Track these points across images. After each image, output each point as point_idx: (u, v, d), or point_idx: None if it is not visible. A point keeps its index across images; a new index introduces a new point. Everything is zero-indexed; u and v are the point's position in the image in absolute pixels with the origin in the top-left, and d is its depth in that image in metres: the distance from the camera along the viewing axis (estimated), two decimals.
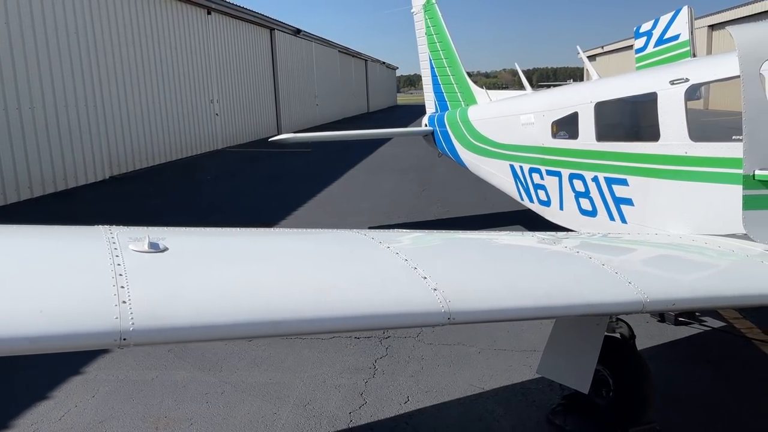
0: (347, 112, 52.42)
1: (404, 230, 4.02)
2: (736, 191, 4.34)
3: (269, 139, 11.18)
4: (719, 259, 4.11)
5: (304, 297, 2.51)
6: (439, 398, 4.89)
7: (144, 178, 18.37)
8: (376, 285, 2.78)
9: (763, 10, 27.84)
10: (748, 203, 4.12)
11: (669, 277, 3.54)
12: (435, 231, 4.35)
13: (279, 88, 34.77)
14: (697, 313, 6.40)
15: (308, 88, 41.62)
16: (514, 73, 12.67)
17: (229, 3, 27.00)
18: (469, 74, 11.02)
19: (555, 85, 14.41)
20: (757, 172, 4.06)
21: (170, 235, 2.97)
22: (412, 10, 11.62)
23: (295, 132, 22.64)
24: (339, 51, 51.58)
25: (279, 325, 2.33)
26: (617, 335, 4.53)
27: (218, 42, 26.74)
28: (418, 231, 4.18)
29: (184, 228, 3.34)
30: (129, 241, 2.78)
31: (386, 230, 3.76)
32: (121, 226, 3.10)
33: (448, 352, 5.75)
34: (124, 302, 2.22)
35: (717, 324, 6.29)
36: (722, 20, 31.92)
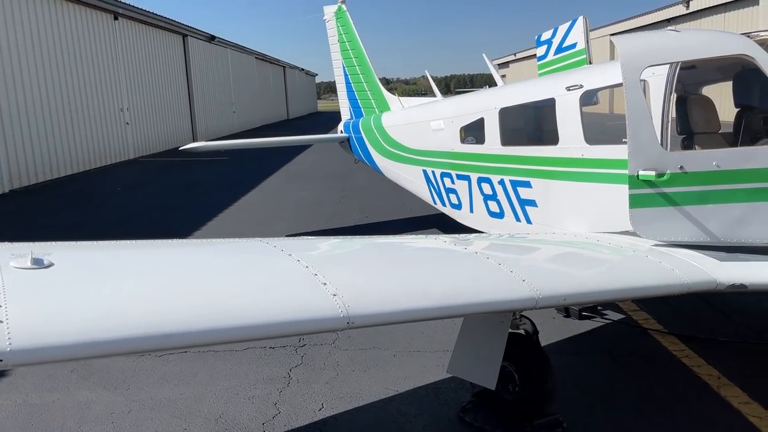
0: (267, 120, 51.78)
1: (308, 237, 4.04)
2: (626, 191, 4.62)
3: (180, 148, 10.89)
4: (610, 255, 4.36)
5: (198, 308, 2.47)
6: (354, 403, 4.92)
7: (48, 190, 17.44)
8: (274, 293, 2.78)
9: (662, 19, 29.73)
10: (634, 202, 4.40)
11: (561, 274, 3.73)
12: (342, 237, 4.39)
13: (194, 96, 33.91)
14: (599, 307, 6.75)
15: (225, 95, 40.83)
16: (433, 79, 12.97)
17: (137, 8, 26.08)
18: (389, 81, 11.25)
19: (469, 91, 14.80)
20: (640, 172, 4.34)
21: (57, 251, 2.85)
22: (323, 18, 11.66)
23: (212, 140, 22.15)
24: (256, 58, 50.92)
25: (171, 338, 2.28)
26: (521, 332, 4.70)
27: (127, 48, 25.77)
28: (323, 237, 4.21)
29: (72, 242, 3.22)
30: (10, 258, 2.64)
31: (289, 238, 3.77)
32: (3, 243, 2.94)
33: (363, 356, 5.79)
34: (1, 322, 2.11)
35: (617, 317, 6.64)
36: (624, 29, 33.82)
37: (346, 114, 11.70)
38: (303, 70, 77.64)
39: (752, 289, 4.00)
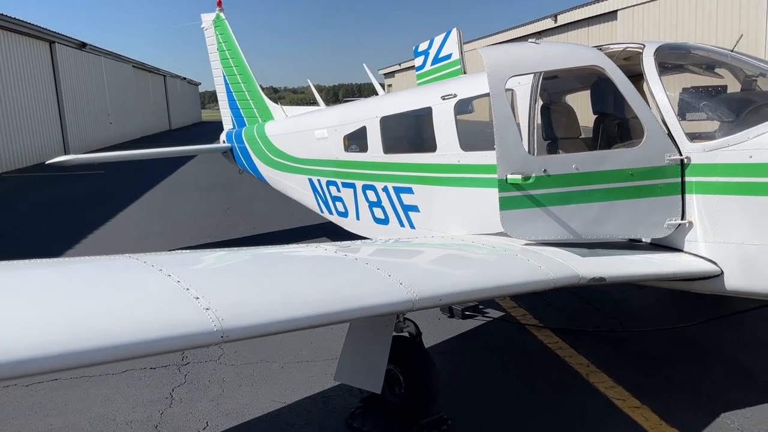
0: (147, 131, 49.50)
1: (181, 251, 3.91)
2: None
3: (47, 162, 10.16)
4: (484, 255, 4.58)
5: (56, 331, 2.32)
6: (241, 418, 4.81)
7: None
8: (141, 310, 2.67)
9: (533, 32, 31.52)
10: (503, 204, 4.65)
11: (438, 276, 3.87)
12: (220, 249, 4.29)
13: (64, 107, 31.74)
14: (480, 306, 7.04)
15: (99, 105, 38.56)
16: (321, 88, 13.00)
17: None
18: (276, 90, 11.11)
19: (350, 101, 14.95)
20: (508, 176, 4.59)
21: None
22: (202, 26, 11.36)
23: (87, 153, 20.84)
24: (133, 66, 48.60)
25: (23, 365, 2.12)
26: (405, 334, 4.81)
27: None
28: (199, 251, 4.09)
29: None
30: None
31: (161, 253, 3.63)
32: None
33: (250, 370, 5.68)
34: None
35: (497, 314, 6.96)
36: (499, 41, 35.59)
37: (228, 123, 11.46)
38: (185, 79, 75.04)
39: (610, 281, 4.34)
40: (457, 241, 5.23)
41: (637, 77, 5.06)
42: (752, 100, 4.86)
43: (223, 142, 11.14)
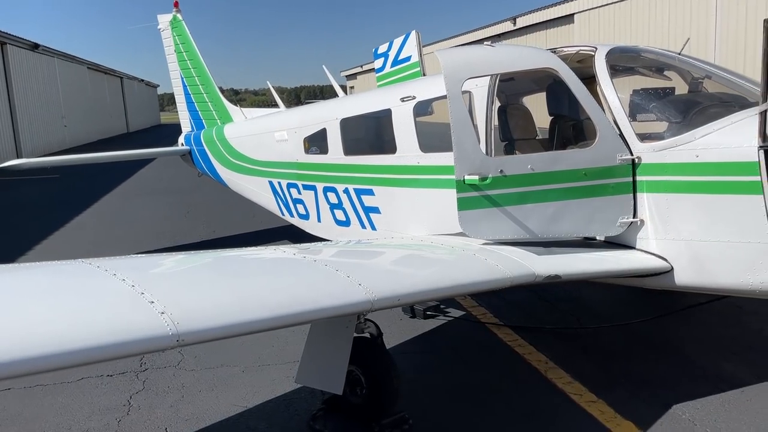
0: (104, 133, 48.36)
1: (136, 255, 3.86)
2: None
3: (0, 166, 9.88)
4: (442, 255, 4.63)
5: (5, 338, 2.27)
6: (201, 424, 4.75)
7: None
8: (94, 315, 2.62)
9: (493, 34, 31.94)
10: (461, 204, 4.71)
11: (397, 276, 3.90)
12: (177, 252, 4.24)
13: (16, 109, 30.79)
14: (441, 306, 7.11)
15: (53, 108, 37.51)
16: (282, 90, 12.91)
17: None
18: (237, 92, 11.02)
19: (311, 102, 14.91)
20: (466, 177, 4.66)
21: None
22: (158, 27, 11.19)
23: (41, 157, 20.26)
24: (89, 68, 47.47)
25: None
26: (366, 335, 4.83)
27: None
28: (155, 255, 4.04)
29: None
30: None
31: (116, 257, 3.57)
32: None
33: (211, 375, 5.61)
34: None
35: (458, 313, 7.04)
36: (460, 43, 35.96)
37: (187, 126, 11.31)
38: (143, 81, 73.63)
39: (565, 278, 4.44)
40: (417, 242, 5.28)
41: (590, 79, 5.19)
42: (698, 101, 5.03)
43: (182, 144, 10.99)
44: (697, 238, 4.43)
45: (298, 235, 8.61)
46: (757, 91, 4.48)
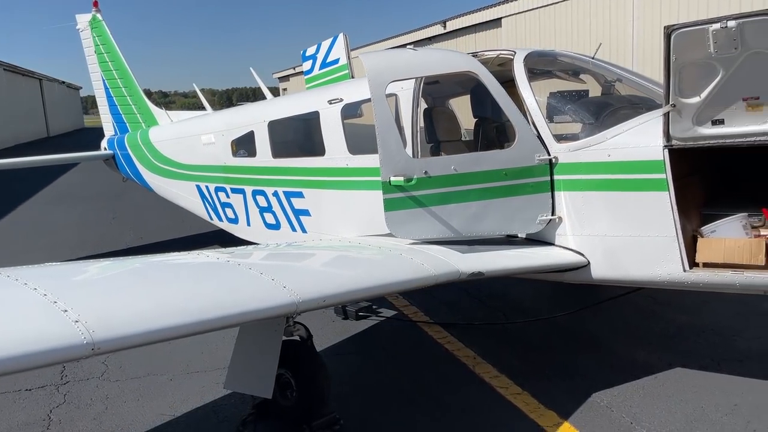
0: (21, 138, 45.96)
1: (50, 264, 3.73)
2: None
3: None
4: (370, 255, 4.69)
5: None
6: None
7: None
8: (6, 326, 2.52)
9: (424, 37, 32.33)
10: (388, 205, 4.79)
11: (323, 277, 3.92)
12: (95, 260, 4.11)
13: None
14: (373, 306, 7.17)
15: None
16: (213, 92, 12.63)
17: None
18: (166, 94, 10.73)
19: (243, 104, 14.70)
20: (391, 178, 4.74)
21: None
22: (77, 27, 10.77)
23: None
24: (5, 69, 45.10)
25: None
26: (296, 338, 4.82)
27: None
28: (70, 263, 3.91)
29: None
30: None
31: (27, 266, 3.44)
32: None
33: (136, 385, 5.47)
34: None
35: (390, 313, 7.12)
36: (391, 45, 36.18)
37: (110, 130, 10.95)
38: (64, 83, 70.48)
39: (488, 275, 4.59)
40: (346, 243, 5.32)
41: (510, 82, 5.37)
42: (610, 103, 5.29)
43: (105, 149, 10.64)
44: (610, 233, 4.66)
45: (227, 240, 8.48)
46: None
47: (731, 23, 3.72)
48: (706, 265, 4.39)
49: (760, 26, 3.67)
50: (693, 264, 4.41)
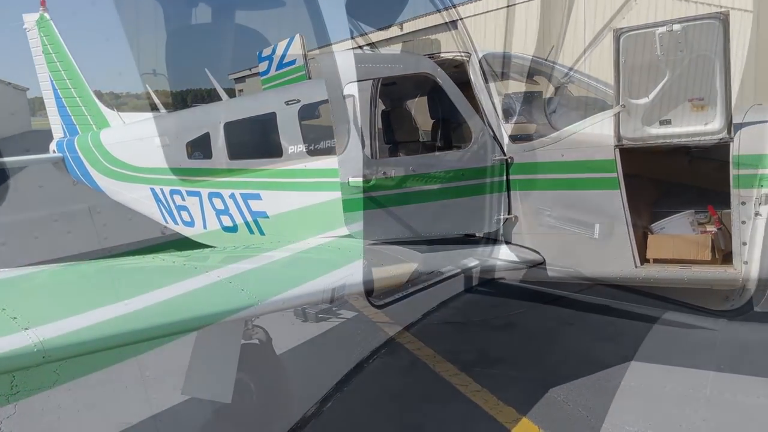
0: None
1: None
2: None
3: None
4: (329, 257, 4.68)
5: None
6: None
7: None
8: None
9: (380, 39, 32.40)
10: (347, 206, 4.79)
11: (282, 279, 3.89)
12: (47, 266, 3.99)
13: None
14: (334, 308, 7.16)
15: None
16: (166, 93, 12.36)
17: None
18: (118, 96, 10.43)
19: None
20: (350, 179, 4.74)
21: None
22: (24, 26, 10.42)
23: None
24: None
25: None
26: (255, 341, 4.78)
27: None
28: (20, 269, 3.78)
29: None
30: None
31: None
32: None
33: (90, 394, 5.33)
34: None
35: (351, 314, 7.12)
36: (349, 47, 36.14)
37: (59, 132, 10.62)
38: (10, 83, 67.97)
39: (446, 274, 4.63)
40: (305, 245, 5.29)
41: (467, 83, 5.43)
42: (563, 104, 5.40)
43: (54, 151, 10.31)
44: (564, 231, 4.76)
45: (183, 244, 8.33)
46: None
47: (676, 26, 3.85)
48: (656, 260, 4.53)
49: (704, 30, 3.81)
50: (644, 260, 4.54)
